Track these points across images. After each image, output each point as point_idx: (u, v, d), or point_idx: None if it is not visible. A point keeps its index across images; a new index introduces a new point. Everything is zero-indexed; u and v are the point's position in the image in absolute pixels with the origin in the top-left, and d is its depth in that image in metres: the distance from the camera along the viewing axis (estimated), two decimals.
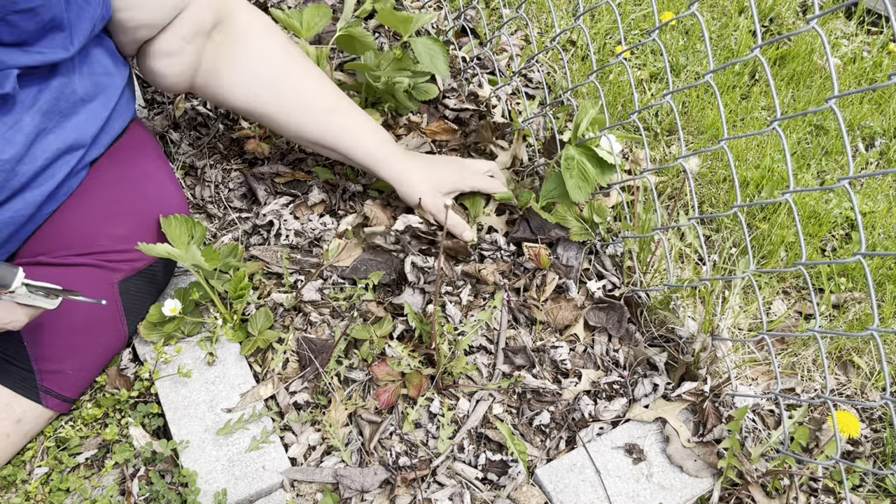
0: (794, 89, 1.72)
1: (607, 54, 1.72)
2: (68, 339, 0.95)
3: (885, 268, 1.32)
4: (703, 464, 1.00)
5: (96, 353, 1.00)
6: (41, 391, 0.93)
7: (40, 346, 0.93)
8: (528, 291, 1.20)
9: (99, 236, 0.98)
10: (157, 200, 1.04)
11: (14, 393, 0.91)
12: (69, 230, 0.97)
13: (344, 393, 1.04)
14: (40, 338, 0.93)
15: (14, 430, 0.91)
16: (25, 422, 0.93)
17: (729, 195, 1.41)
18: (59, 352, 0.95)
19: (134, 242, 0.97)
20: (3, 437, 0.90)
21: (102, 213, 0.99)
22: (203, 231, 1.02)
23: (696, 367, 1.11)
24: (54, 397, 0.95)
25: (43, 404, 0.94)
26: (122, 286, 1.00)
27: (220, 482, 0.93)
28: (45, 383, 0.94)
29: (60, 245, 0.97)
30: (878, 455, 1.08)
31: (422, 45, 1.28)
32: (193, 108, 1.41)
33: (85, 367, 0.98)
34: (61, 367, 0.95)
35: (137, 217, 1.02)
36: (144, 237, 1.00)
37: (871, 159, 1.60)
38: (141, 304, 1.05)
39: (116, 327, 1.01)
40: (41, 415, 0.94)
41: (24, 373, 0.92)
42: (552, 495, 0.96)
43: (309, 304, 1.14)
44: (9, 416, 0.91)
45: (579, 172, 1.17)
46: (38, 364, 0.93)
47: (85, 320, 0.96)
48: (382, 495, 0.95)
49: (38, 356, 0.93)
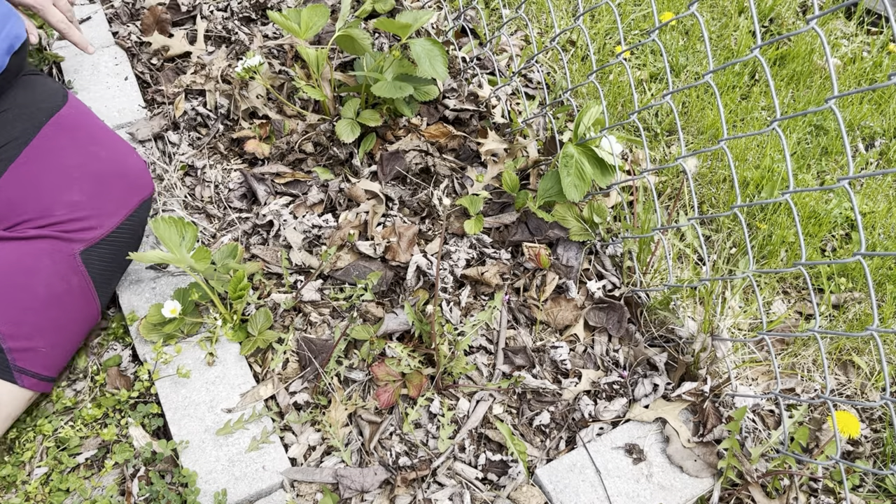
0: (794, 89, 1.72)
1: (607, 54, 1.72)
2: (36, 315, 0.92)
3: (885, 268, 1.32)
4: (703, 464, 1.00)
5: (68, 328, 0.97)
6: (14, 371, 0.90)
7: (6, 323, 0.90)
8: (528, 291, 1.20)
9: (54, 206, 0.95)
10: (112, 163, 1.01)
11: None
12: (22, 201, 0.94)
13: (344, 393, 1.04)
14: (6, 316, 0.90)
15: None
16: (3, 404, 0.90)
17: (729, 195, 1.41)
18: (28, 329, 0.92)
19: (90, 209, 0.95)
20: None
21: (55, 182, 0.96)
22: (194, 231, 1.01)
23: (696, 368, 1.11)
24: (30, 377, 0.92)
25: (19, 384, 0.91)
26: (85, 256, 0.97)
27: (220, 482, 0.93)
28: (19, 363, 0.91)
29: (14, 217, 0.94)
30: (878, 455, 1.08)
31: (421, 47, 1.27)
32: (193, 109, 1.41)
33: (59, 343, 0.95)
34: (33, 345, 0.92)
35: (91, 181, 0.99)
36: (101, 202, 0.97)
37: (871, 159, 1.60)
38: (110, 272, 1.02)
39: (87, 299, 0.98)
40: (19, 395, 0.92)
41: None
42: (552, 495, 0.96)
43: (309, 305, 1.14)
44: None
45: (577, 171, 1.17)
46: (8, 343, 0.90)
47: (48, 294, 0.93)
48: (382, 495, 0.95)
49: (5, 335, 0.90)
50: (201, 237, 1.24)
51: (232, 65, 1.46)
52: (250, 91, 1.43)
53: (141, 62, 1.50)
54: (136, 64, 1.50)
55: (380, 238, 1.22)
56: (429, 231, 1.28)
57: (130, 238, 1.05)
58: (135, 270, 1.15)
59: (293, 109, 1.42)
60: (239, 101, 1.41)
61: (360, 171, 1.35)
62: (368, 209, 1.27)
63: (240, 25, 1.58)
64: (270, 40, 1.57)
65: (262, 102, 1.42)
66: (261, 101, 1.42)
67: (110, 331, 1.09)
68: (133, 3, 1.62)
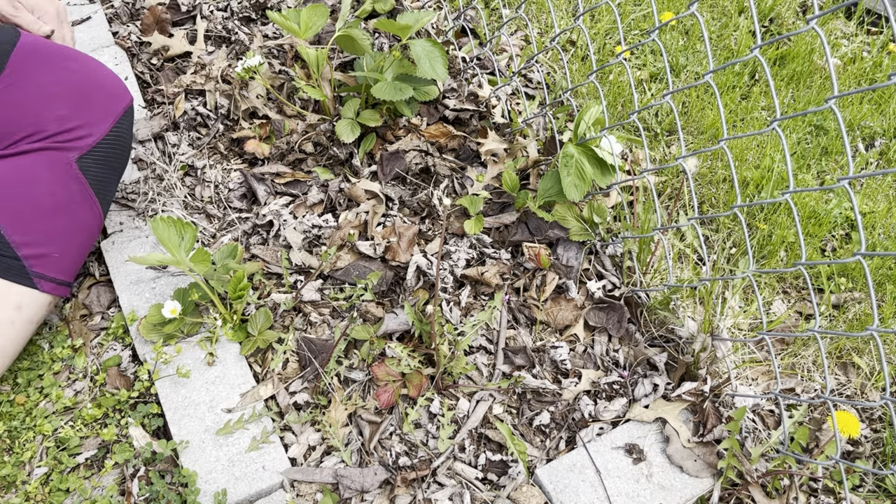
0: (794, 89, 1.72)
1: (607, 54, 1.72)
2: (43, 222, 0.98)
3: (885, 268, 1.32)
4: (703, 464, 1.00)
5: (76, 233, 1.02)
6: (34, 276, 0.97)
7: (18, 233, 0.96)
8: (528, 291, 1.20)
9: (42, 122, 1.00)
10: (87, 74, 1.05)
11: (7, 282, 0.95)
12: (11, 122, 0.99)
13: (344, 393, 1.04)
14: (16, 226, 0.96)
15: (17, 318, 0.96)
16: (26, 307, 0.96)
17: (729, 195, 1.41)
18: (38, 236, 0.97)
19: (79, 119, 1.00)
20: (8, 325, 0.94)
21: (38, 100, 1.01)
22: (193, 232, 1.02)
23: (696, 368, 1.11)
24: (48, 281, 0.99)
25: (39, 289, 0.97)
26: (81, 163, 1.02)
27: (220, 482, 0.93)
28: (35, 268, 0.97)
29: (8, 138, 0.99)
30: (878, 455, 1.08)
31: (421, 48, 1.26)
32: (193, 109, 1.41)
33: (69, 248, 1.01)
34: (46, 251, 0.98)
35: (73, 94, 1.03)
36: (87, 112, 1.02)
37: (871, 159, 1.60)
38: (108, 179, 1.06)
39: (90, 205, 1.03)
40: (40, 299, 0.98)
41: (11, 261, 0.95)
42: (552, 495, 0.96)
43: (309, 305, 1.14)
44: (8, 304, 0.94)
45: (577, 171, 1.17)
46: (22, 251, 0.96)
47: (52, 203, 0.98)
48: (382, 495, 0.95)
49: (19, 243, 0.96)
50: (201, 237, 1.24)
51: (232, 65, 1.46)
52: (250, 91, 1.43)
53: (141, 62, 1.50)
54: (136, 64, 1.50)
55: (380, 238, 1.22)
56: (429, 231, 1.28)
57: (120, 145, 1.09)
58: (135, 270, 1.15)
59: (293, 109, 1.42)
60: (239, 101, 1.41)
61: (360, 171, 1.35)
62: (368, 209, 1.27)
63: (240, 25, 1.58)
64: (270, 40, 1.57)
65: (262, 102, 1.42)
66: (261, 101, 1.42)
67: (110, 331, 1.09)
68: (133, 3, 1.62)
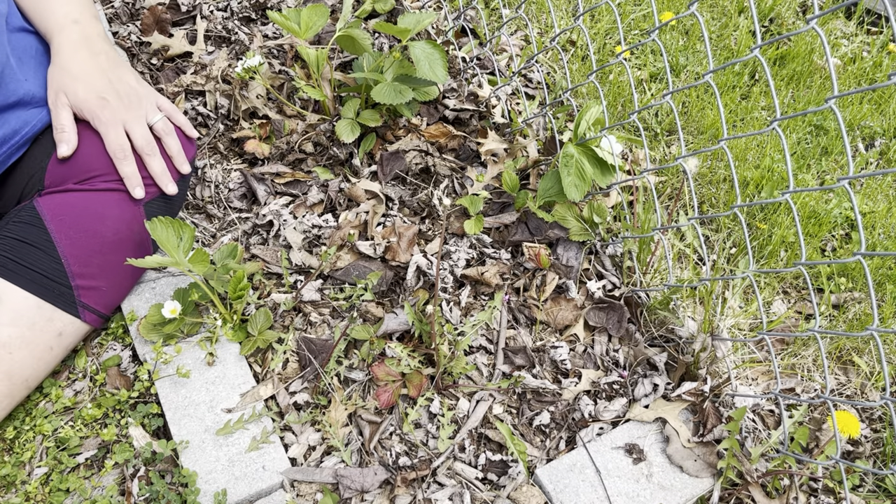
0: (794, 89, 1.72)
1: (607, 54, 1.72)
2: (102, 257, 1.01)
3: (885, 268, 1.32)
4: (703, 464, 1.00)
5: (127, 271, 1.06)
6: (80, 306, 1.00)
7: (77, 264, 0.99)
8: (528, 291, 1.20)
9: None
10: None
11: (55, 307, 0.97)
12: (93, 157, 1.04)
13: (344, 393, 1.04)
14: (77, 256, 0.99)
15: (56, 344, 0.98)
16: (66, 335, 0.99)
17: (729, 195, 1.41)
18: (94, 269, 1.01)
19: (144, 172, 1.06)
20: (47, 350, 0.97)
21: None
22: (192, 232, 1.02)
23: (696, 368, 1.11)
24: (91, 312, 1.02)
25: (81, 319, 1.00)
26: (148, 208, 1.06)
27: (220, 482, 0.93)
28: (83, 299, 1.00)
29: (84, 174, 1.03)
30: (878, 455, 1.08)
31: (421, 50, 1.26)
32: (193, 109, 1.41)
33: (118, 284, 1.05)
34: (97, 284, 1.02)
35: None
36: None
37: (871, 159, 1.60)
38: None
39: (144, 247, 1.07)
40: (79, 329, 1.01)
41: (63, 289, 0.98)
42: (552, 495, 0.96)
43: (309, 304, 1.14)
44: (52, 329, 0.97)
45: (577, 171, 1.17)
46: (76, 281, 0.99)
47: (115, 238, 1.02)
48: (382, 495, 0.95)
49: (75, 273, 0.99)
50: (201, 237, 1.24)
51: (232, 65, 1.46)
52: (250, 91, 1.43)
53: (141, 62, 1.50)
54: (136, 64, 1.50)
55: (380, 238, 1.22)
56: (429, 231, 1.28)
57: (181, 194, 1.14)
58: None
59: (293, 109, 1.42)
60: (239, 101, 1.41)
61: (360, 171, 1.35)
62: (368, 209, 1.27)
63: (240, 25, 1.58)
64: (270, 40, 1.57)
65: (262, 102, 1.42)
66: (261, 101, 1.42)
67: (110, 331, 1.09)
68: (133, 2, 1.62)
